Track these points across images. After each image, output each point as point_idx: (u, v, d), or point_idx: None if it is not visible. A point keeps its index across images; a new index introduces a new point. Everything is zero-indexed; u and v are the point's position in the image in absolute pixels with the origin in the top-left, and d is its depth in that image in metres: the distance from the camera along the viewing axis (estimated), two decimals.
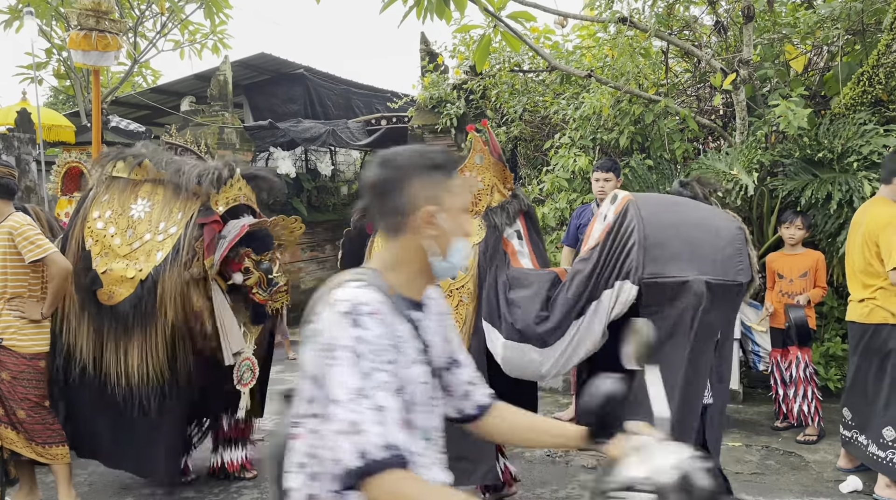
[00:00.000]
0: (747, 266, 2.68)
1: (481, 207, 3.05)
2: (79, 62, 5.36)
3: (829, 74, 5.45)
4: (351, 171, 12.50)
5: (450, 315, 1.69)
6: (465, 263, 1.53)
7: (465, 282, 2.97)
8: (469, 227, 1.48)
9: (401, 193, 1.41)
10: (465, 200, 1.49)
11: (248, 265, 3.79)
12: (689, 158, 5.72)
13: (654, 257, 2.69)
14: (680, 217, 2.84)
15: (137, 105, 11.26)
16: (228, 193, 3.87)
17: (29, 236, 3.55)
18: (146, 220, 3.86)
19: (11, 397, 3.58)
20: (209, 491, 4.02)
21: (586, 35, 6.97)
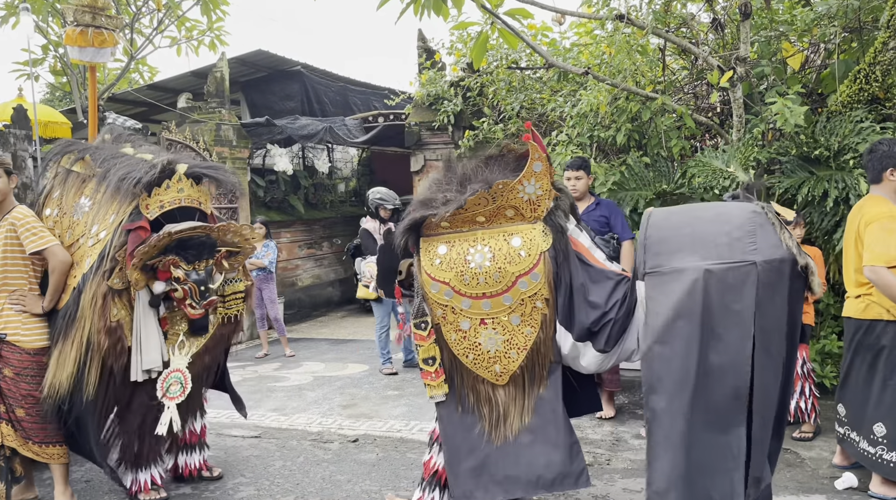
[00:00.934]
0: (767, 246, 2.59)
1: (540, 212, 3.00)
2: (75, 58, 5.35)
3: (826, 72, 5.45)
4: (348, 168, 12.51)
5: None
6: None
7: (538, 289, 2.94)
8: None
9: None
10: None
11: (178, 275, 3.54)
12: (686, 156, 5.73)
13: (656, 252, 2.74)
14: (692, 215, 2.85)
15: (134, 102, 11.24)
16: (163, 197, 3.61)
17: (32, 227, 3.56)
18: (83, 222, 3.70)
19: (12, 395, 3.58)
20: (205, 488, 4.02)
21: (583, 32, 6.97)
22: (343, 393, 6.06)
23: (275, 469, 4.30)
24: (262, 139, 9.49)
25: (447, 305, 3.02)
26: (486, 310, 2.98)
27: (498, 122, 7.36)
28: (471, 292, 2.98)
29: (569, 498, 3.70)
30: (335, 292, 11.32)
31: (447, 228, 3.07)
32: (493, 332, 2.99)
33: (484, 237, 3.01)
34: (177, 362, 3.68)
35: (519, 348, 2.98)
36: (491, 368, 3.01)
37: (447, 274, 3.00)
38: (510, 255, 2.94)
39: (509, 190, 2.94)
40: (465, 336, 3.03)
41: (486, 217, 3.01)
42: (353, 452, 4.57)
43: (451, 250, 3.03)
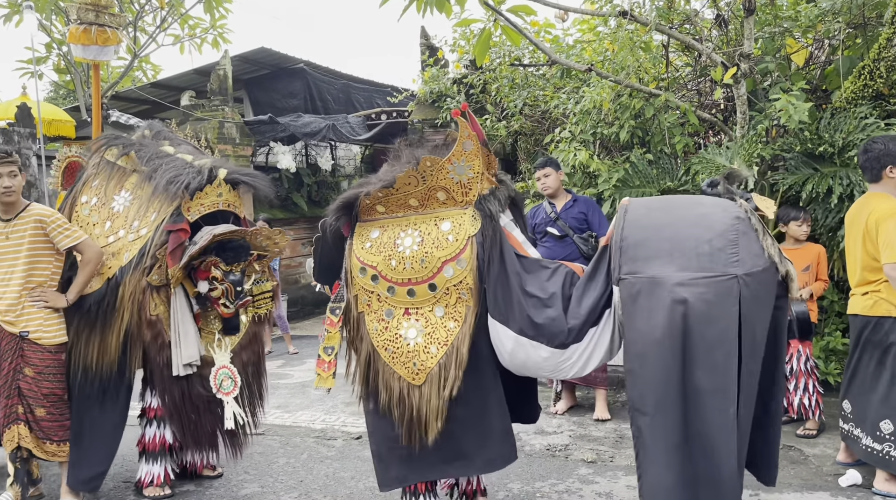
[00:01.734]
0: (749, 256, 2.49)
1: (472, 196, 2.92)
2: (78, 57, 5.36)
3: (831, 68, 5.44)
4: (351, 165, 12.51)
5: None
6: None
7: (463, 277, 2.84)
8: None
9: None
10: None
11: (216, 275, 3.65)
12: (689, 153, 5.72)
13: (632, 256, 2.60)
14: (673, 216, 2.70)
15: (137, 100, 11.26)
16: (204, 200, 3.74)
17: (62, 224, 3.61)
18: (123, 215, 3.81)
19: (33, 394, 3.56)
20: (209, 485, 4.03)
21: (587, 29, 6.96)
22: (346, 390, 6.02)
23: (278, 466, 4.31)
24: (266, 137, 9.49)
25: (373, 291, 2.97)
26: (411, 299, 2.91)
27: (501, 119, 7.35)
28: (396, 277, 2.91)
29: (572, 495, 3.70)
30: None
31: (383, 213, 3.03)
32: (415, 322, 2.91)
33: (416, 222, 2.96)
34: (220, 359, 3.79)
35: (440, 343, 2.88)
36: (408, 364, 2.91)
37: (375, 258, 2.95)
38: (438, 239, 2.88)
39: (438, 168, 2.87)
40: (386, 327, 2.95)
41: (418, 200, 2.96)
42: (357, 449, 4.57)
43: (382, 235, 2.98)
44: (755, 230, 2.55)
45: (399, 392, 2.92)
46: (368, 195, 2.98)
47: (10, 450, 3.57)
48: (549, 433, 4.69)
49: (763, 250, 2.52)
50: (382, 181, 2.96)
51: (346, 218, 3.09)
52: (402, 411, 2.92)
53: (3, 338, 3.59)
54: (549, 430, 4.73)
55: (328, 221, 3.15)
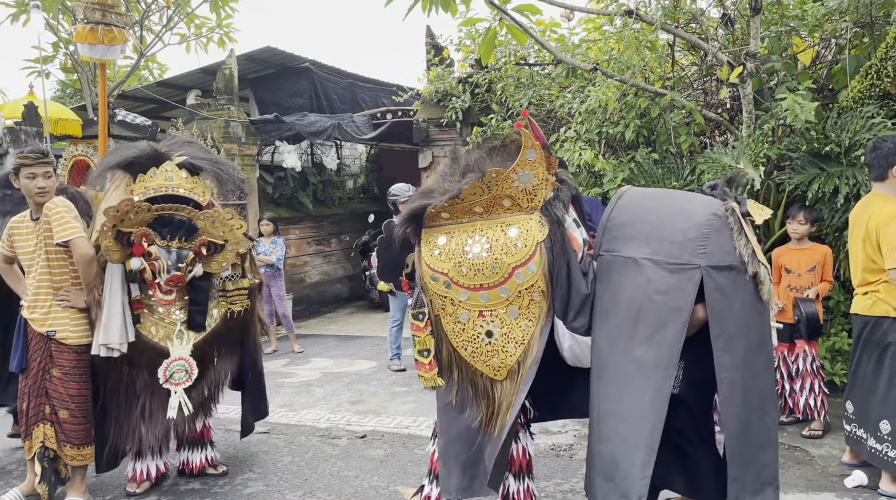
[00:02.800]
0: (718, 251, 2.61)
1: (537, 201, 2.96)
2: (85, 56, 5.37)
3: (837, 68, 5.41)
4: (356, 165, 12.52)
5: None
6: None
7: (535, 281, 2.91)
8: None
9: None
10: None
11: (151, 250, 3.56)
12: (695, 152, 5.70)
13: (614, 236, 2.80)
14: (661, 204, 2.87)
15: (144, 99, 11.30)
16: (149, 183, 3.67)
17: (59, 218, 3.53)
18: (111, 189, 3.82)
19: (59, 396, 3.58)
20: (214, 483, 4.04)
21: (592, 28, 6.95)
22: (351, 389, 6.08)
23: (283, 465, 4.32)
24: (271, 136, 9.51)
25: (446, 296, 3.02)
26: (484, 302, 2.97)
27: (506, 118, 7.34)
28: (468, 283, 2.96)
29: (576, 495, 3.70)
30: (343, 288, 11.34)
31: (448, 219, 3.06)
32: (490, 324, 2.98)
33: (482, 228, 3.00)
34: (177, 351, 3.71)
35: (517, 343, 2.96)
36: (489, 361, 3.00)
37: (446, 265, 3.00)
38: (507, 246, 2.93)
39: (503, 179, 2.92)
40: (463, 328, 3.02)
41: (483, 208, 3.00)
42: (361, 448, 4.58)
43: (450, 241, 3.02)
44: (730, 229, 2.67)
45: (483, 387, 3.03)
46: (433, 206, 3.02)
47: (36, 449, 3.59)
48: (553, 432, 4.69)
49: (734, 248, 2.63)
50: (448, 193, 2.99)
51: (415, 228, 3.13)
52: (487, 404, 3.03)
53: (33, 337, 3.62)
54: (553, 430, 4.73)
55: (396, 231, 3.20)
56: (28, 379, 3.61)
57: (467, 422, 3.05)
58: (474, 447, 3.03)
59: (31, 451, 3.61)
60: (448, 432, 3.09)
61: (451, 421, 3.09)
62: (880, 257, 3.52)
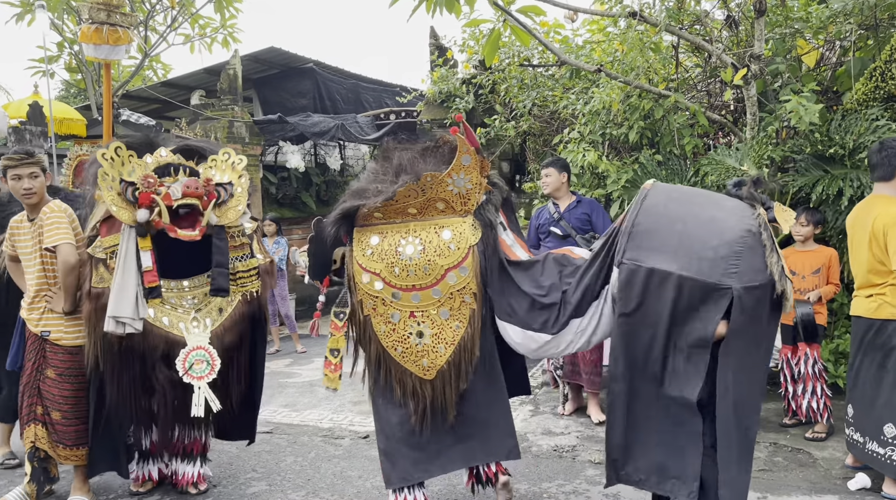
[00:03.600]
0: (749, 270, 2.53)
1: (470, 205, 3.02)
2: (90, 56, 5.39)
3: (842, 70, 5.40)
4: (360, 165, 12.53)
5: None
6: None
7: (466, 283, 2.96)
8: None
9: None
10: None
11: (161, 190, 3.40)
12: (699, 154, 5.69)
13: (639, 243, 2.67)
14: (689, 211, 2.75)
15: (148, 99, 11.32)
16: (138, 171, 3.53)
17: (51, 223, 3.52)
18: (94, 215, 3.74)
19: (52, 397, 3.58)
20: (217, 482, 4.05)
21: (596, 29, 6.94)
22: (354, 389, 6.07)
23: (286, 465, 4.33)
24: (275, 136, 9.53)
25: (377, 296, 3.04)
26: (416, 303, 3.01)
27: (510, 119, 7.34)
28: (400, 283, 3.00)
29: (579, 496, 3.69)
30: None
31: (380, 218, 3.08)
32: (421, 325, 3.01)
33: (416, 229, 3.03)
34: (195, 339, 3.50)
35: (447, 343, 3.00)
36: (419, 361, 3.04)
37: (378, 265, 3.02)
38: (440, 247, 2.96)
39: (438, 183, 2.95)
40: (394, 329, 3.05)
41: (417, 209, 3.03)
42: (364, 448, 4.58)
43: (383, 241, 3.04)
44: (763, 246, 2.59)
45: (412, 386, 3.06)
46: (367, 207, 3.05)
47: (27, 449, 3.60)
48: (556, 433, 4.68)
49: (766, 266, 2.56)
50: (382, 194, 3.01)
51: (347, 226, 3.15)
52: (416, 403, 3.07)
53: (29, 337, 3.63)
54: (556, 431, 4.73)
55: (327, 230, 3.19)
56: (23, 378, 3.61)
57: (402, 418, 3.09)
58: (415, 441, 3.09)
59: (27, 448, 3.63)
60: (384, 429, 3.14)
61: (385, 419, 3.14)
62: (888, 259, 3.50)
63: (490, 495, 3.54)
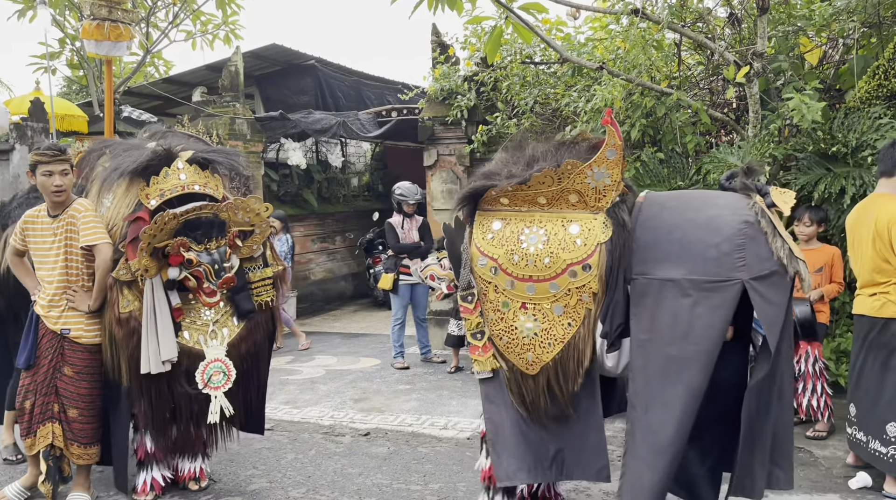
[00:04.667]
0: (756, 259, 2.56)
1: (605, 202, 2.89)
2: (91, 52, 5.39)
3: (844, 68, 5.39)
4: (361, 162, 12.52)
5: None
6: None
7: (587, 281, 2.85)
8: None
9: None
10: None
11: (190, 257, 3.45)
12: (700, 152, 5.69)
13: (643, 258, 2.74)
14: (685, 216, 2.77)
15: (149, 95, 11.32)
16: (163, 184, 3.56)
17: (90, 220, 3.55)
18: (107, 217, 3.71)
19: (69, 395, 3.57)
20: (217, 479, 4.05)
21: (598, 27, 6.93)
22: (355, 387, 6.09)
23: (287, 462, 4.33)
24: (276, 133, 9.51)
25: (490, 282, 2.97)
26: (530, 294, 2.91)
27: (511, 117, 7.33)
28: (518, 272, 2.91)
29: (580, 494, 3.69)
30: (348, 286, 11.35)
31: (506, 205, 3.00)
32: (532, 319, 2.92)
33: (541, 220, 2.94)
34: (213, 352, 3.59)
35: (556, 340, 2.91)
36: (523, 355, 2.95)
37: (497, 250, 2.94)
38: (565, 241, 2.86)
39: (578, 172, 2.85)
40: (502, 317, 2.96)
41: (547, 199, 2.93)
42: (365, 445, 4.59)
43: (505, 228, 2.97)
44: (764, 233, 2.60)
45: (515, 379, 2.99)
46: (498, 188, 2.97)
47: (42, 447, 3.57)
48: None
49: (772, 252, 2.57)
50: (516, 177, 2.93)
51: (471, 208, 3.09)
52: (517, 397, 2.99)
53: (45, 335, 3.60)
54: None
55: (453, 211, 3.19)
56: (37, 377, 3.58)
57: (513, 409, 3.01)
58: (522, 436, 3.00)
59: (32, 448, 3.59)
60: (495, 418, 3.05)
61: (497, 408, 3.05)
62: (893, 256, 3.49)
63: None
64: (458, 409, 5.28)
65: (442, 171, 8.13)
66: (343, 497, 3.76)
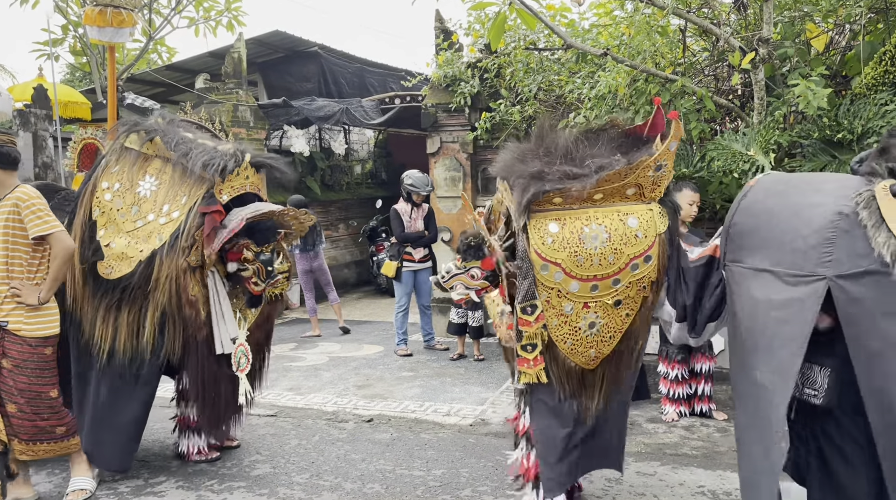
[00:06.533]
0: (847, 256, 2.23)
1: (658, 192, 2.87)
2: (94, 38, 5.38)
3: (851, 54, 5.34)
4: (364, 150, 12.50)
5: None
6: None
7: (648, 272, 2.83)
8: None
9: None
10: None
11: (247, 256, 3.83)
12: (705, 139, 5.66)
13: (738, 244, 2.58)
14: (787, 202, 2.55)
15: (153, 82, 11.30)
16: (234, 182, 3.84)
17: (36, 210, 3.35)
18: (151, 199, 3.81)
19: (7, 389, 3.36)
20: (221, 465, 4.08)
21: (603, 13, 6.87)
22: (358, 374, 6.11)
23: (290, 448, 4.35)
24: (279, 120, 9.50)
25: (553, 287, 2.86)
26: (593, 293, 2.85)
27: (515, 103, 7.30)
28: (583, 273, 2.82)
29: (582, 481, 3.70)
30: (351, 273, 11.36)
31: (559, 204, 2.88)
32: (594, 315, 2.87)
33: (597, 216, 2.84)
34: (240, 336, 3.93)
35: (615, 331, 2.89)
36: (587, 352, 2.92)
37: (560, 254, 2.82)
38: (626, 236, 2.81)
39: (645, 167, 2.81)
40: (566, 321, 2.89)
41: (604, 194, 2.85)
42: (368, 431, 4.61)
43: (563, 229, 2.84)
44: (863, 227, 2.24)
45: (577, 379, 2.97)
46: (578, 190, 2.82)
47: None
48: None
49: (872, 249, 2.20)
50: (580, 179, 2.79)
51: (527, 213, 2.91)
52: (580, 393, 2.99)
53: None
54: None
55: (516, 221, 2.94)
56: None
57: (565, 415, 2.97)
58: (573, 438, 2.99)
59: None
60: (548, 430, 3.00)
61: (549, 418, 3.00)
62: None
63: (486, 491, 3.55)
64: (460, 396, 5.29)
65: (445, 158, 8.12)
66: (346, 483, 3.79)
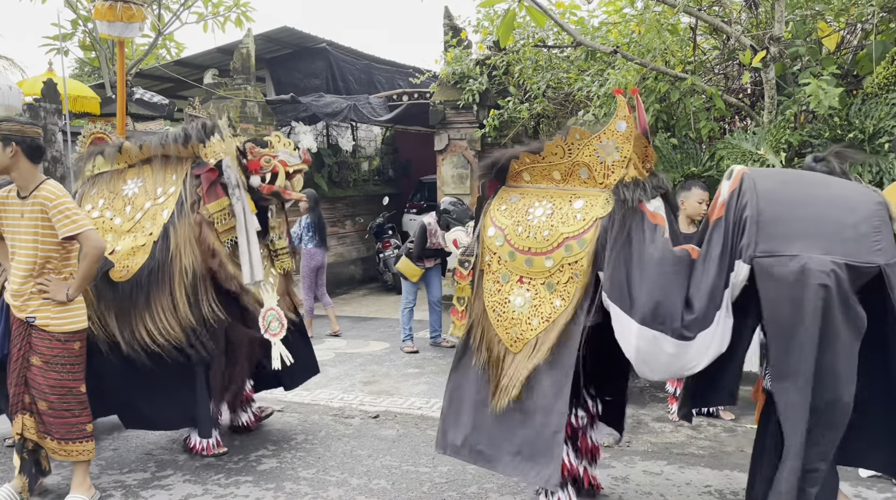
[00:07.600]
0: (889, 245, 2.34)
1: (612, 180, 2.85)
2: (104, 33, 5.39)
3: (863, 53, 5.31)
4: (372, 147, 12.50)
5: None
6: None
7: (579, 257, 2.82)
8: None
9: None
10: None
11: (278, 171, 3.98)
12: (714, 138, 5.63)
13: (770, 233, 2.44)
14: (805, 193, 2.54)
15: (161, 77, 11.32)
16: (216, 148, 3.99)
17: (64, 210, 3.24)
18: (142, 192, 4.00)
19: (38, 386, 3.30)
20: (229, 459, 4.09)
21: (613, 10, 6.85)
22: (364, 370, 6.11)
23: (296, 443, 4.36)
24: (287, 116, 9.51)
25: (496, 252, 3.07)
26: (527, 268, 2.97)
27: (524, 101, 7.29)
28: (519, 244, 3.00)
29: None
30: (357, 270, 11.37)
31: (528, 181, 3.14)
32: (526, 292, 2.97)
33: (553, 196, 3.03)
34: (269, 301, 3.99)
35: (542, 318, 2.90)
36: (509, 330, 2.99)
37: (506, 221, 3.06)
38: (567, 215, 2.91)
39: (585, 143, 2.88)
40: (499, 290, 3.06)
41: (561, 174, 3.03)
42: (374, 428, 4.61)
43: (520, 201, 3.10)
44: (892, 219, 2.41)
45: (497, 355, 3.03)
46: (517, 158, 3.09)
47: (16, 440, 3.37)
48: None
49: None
50: (530, 146, 3.08)
51: (489, 177, 3.22)
52: (495, 373, 3.03)
53: (14, 322, 3.37)
54: None
55: (479, 179, 3.39)
56: (10, 366, 3.36)
57: (478, 387, 3.07)
58: (479, 416, 3.04)
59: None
60: (458, 390, 3.15)
61: (463, 381, 3.14)
62: None
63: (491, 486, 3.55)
64: None
65: (453, 155, 8.12)
66: (352, 478, 3.79)
